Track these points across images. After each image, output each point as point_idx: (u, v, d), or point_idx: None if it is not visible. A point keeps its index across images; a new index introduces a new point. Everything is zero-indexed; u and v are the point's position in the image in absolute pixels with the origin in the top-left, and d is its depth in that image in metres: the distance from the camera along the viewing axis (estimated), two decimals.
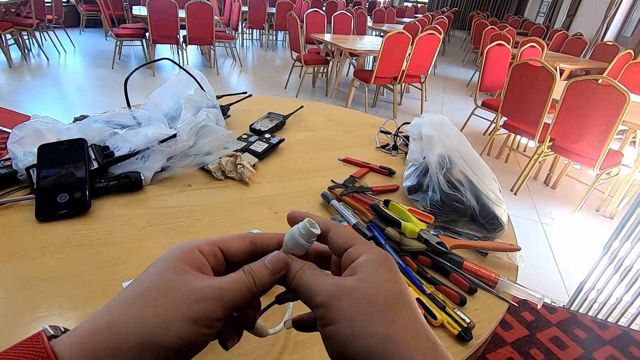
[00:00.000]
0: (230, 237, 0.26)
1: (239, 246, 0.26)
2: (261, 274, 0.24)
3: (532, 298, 0.51)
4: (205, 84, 0.87)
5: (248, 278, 0.24)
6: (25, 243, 0.51)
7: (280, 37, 7.36)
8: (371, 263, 0.24)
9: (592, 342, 0.93)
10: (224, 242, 0.26)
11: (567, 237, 2.21)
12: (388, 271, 0.24)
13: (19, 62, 4.25)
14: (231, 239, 0.26)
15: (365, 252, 0.25)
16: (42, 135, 0.65)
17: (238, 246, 0.26)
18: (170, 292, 0.21)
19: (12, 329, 0.39)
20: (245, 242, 0.26)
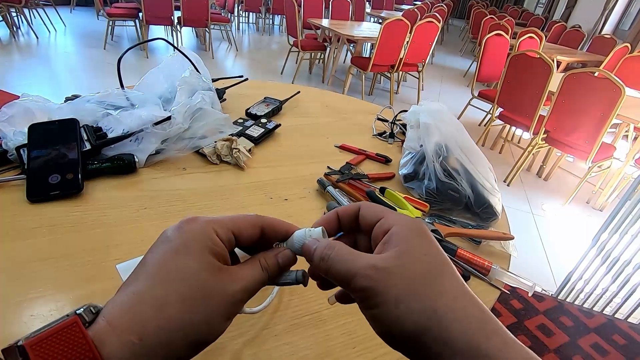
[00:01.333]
0: (243, 223, 0.26)
1: (251, 235, 0.26)
2: (273, 268, 0.26)
3: (523, 286, 0.52)
4: (201, 66, 0.86)
5: (265, 274, 0.25)
6: (16, 224, 0.50)
7: (277, 21, 7.23)
8: (405, 233, 0.23)
9: (578, 330, 0.95)
10: (238, 229, 0.25)
11: (557, 228, 2.25)
12: (424, 240, 0.23)
13: (7, 41, 4.13)
14: (244, 226, 0.26)
15: (396, 222, 0.24)
16: (32, 114, 0.63)
17: (250, 235, 0.26)
18: (213, 297, 0.22)
19: (3, 310, 0.39)
20: (257, 230, 0.26)
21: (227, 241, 0.24)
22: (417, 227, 0.24)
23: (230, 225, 0.25)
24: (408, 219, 0.24)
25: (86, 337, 0.17)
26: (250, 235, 0.26)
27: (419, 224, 0.24)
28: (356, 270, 0.22)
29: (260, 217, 0.27)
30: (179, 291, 0.21)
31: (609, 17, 6.69)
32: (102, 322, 0.19)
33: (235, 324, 0.42)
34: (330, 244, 0.24)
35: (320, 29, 4.20)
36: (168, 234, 0.23)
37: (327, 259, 0.23)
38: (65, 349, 0.17)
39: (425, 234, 0.24)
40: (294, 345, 0.41)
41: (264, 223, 0.26)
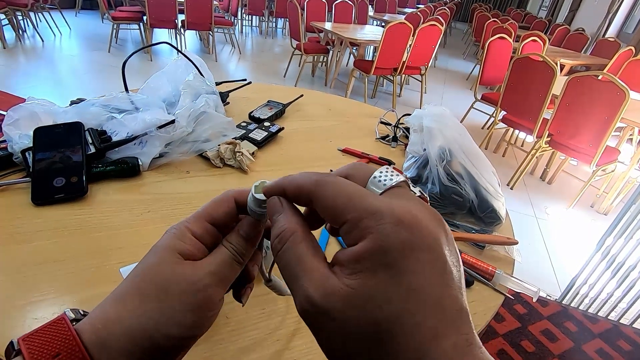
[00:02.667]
0: (214, 206, 0.26)
1: (225, 212, 0.26)
2: (241, 245, 0.25)
3: (527, 291, 0.51)
4: (205, 69, 0.86)
5: (232, 253, 0.24)
6: (20, 226, 0.51)
7: (280, 25, 7.25)
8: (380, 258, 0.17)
9: (582, 336, 0.94)
10: (211, 215, 0.25)
11: (562, 233, 2.24)
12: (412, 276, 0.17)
13: (13, 44, 4.17)
14: (215, 208, 0.25)
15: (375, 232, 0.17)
16: (37, 117, 0.64)
17: (224, 212, 0.26)
18: (170, 288, 0.22)
19: (7, 312, 0.39)
20: (230, 204, 0.26)
21: (205, 232, 0.25)
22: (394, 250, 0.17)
23: (203, 215, 0.25)
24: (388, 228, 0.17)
25: (71, 330, 0.20)
26: (225, 212, 0.26)
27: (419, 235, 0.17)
28: (297, 289, 0.19)
29: (228, 192, 0.26)
30: (137, 285, 0.22)
31: (612, 20, 6.67)
32: (85, 319, 0.21)
33: (237, 328, 0.42)
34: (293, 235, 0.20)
35: (323, 32, 4.21)
36: (155, 244, 0.24)
37: (280, 250, 0.20)
38: (52, 340, 0.20)
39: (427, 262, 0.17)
40: (296, 351, 0.41)
41: (235, 194, 0.26)
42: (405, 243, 0.17)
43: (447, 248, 0.18)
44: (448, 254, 0.18)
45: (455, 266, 0.18)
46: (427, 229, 0.18)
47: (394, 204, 0.18)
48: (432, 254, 0.17)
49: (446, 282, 0.17)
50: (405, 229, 0.17)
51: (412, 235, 0.17)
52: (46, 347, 0.20)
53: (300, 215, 0.21)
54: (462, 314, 0.17)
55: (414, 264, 0.17)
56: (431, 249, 0.17)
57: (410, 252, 0.17)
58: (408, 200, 0.19)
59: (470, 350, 0.17)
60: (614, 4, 6.49)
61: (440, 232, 0.18)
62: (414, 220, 0.18)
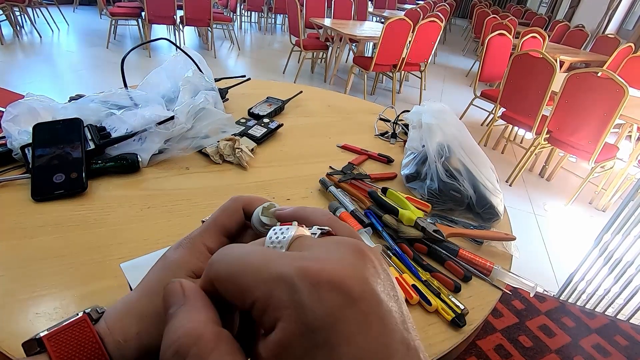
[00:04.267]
0: (227, 217, 0.25)
1: (238, 222, 0.25)
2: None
3: (525, 287, 0.52)
4: (204, 65, 0.86)
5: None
6: (21, 222, 0.51)
7: (279, 21, 7.22)
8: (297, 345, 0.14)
9: (580, 331, 0.95)
10: (225, 227, 0.24)
11: (560, 229, 2.24)
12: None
13: (10, 40, 4.14)
14: (229, 219, 0.25)
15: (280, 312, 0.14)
16: (37, 113, 0.64)
17: (237, 223, 0.25)
18: None
19: (9, 308, 0.40)
20: (241, 214, 0.25)
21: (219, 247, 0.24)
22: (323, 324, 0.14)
23: (219, 228, 0.24)
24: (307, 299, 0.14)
25: (93, 331, 0.20)
26: (237, 223, 0.25)
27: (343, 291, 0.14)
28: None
29: (237, 200, 0.26)
30: (155, 304, 0.21)
31: (612, 16, 6.66)
32: (102, 323, 0.21)
33: None
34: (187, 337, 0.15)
35: (322, 29, 4.19)
36: (166, 254, 0.23)
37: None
38: (76, 341, 0.20)
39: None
40: None
41: (243, 204, 0.25)
42: (330, 310, 0.14)
43: (378, 285, 0.15)
44: (381, 291, 0.15)
45: (392, 298, 0.15)
46: (350, 278, 0.15)
47: (304, 264, 0.15)
48: (364, 304, 0.14)
49: (389, 328, 0.14)
50: (326, 291, 0.14)
51: (336, 296, 0.14)
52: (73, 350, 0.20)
53: (209, 308, 0.16)
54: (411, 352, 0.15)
55: (349, 326, 0.14)
56: (362, 300, 0.14)
57: (339, 318, 0.14)
58: (315, 250, 0.17)
59: None
60: (614, 1, 6.47)
61: (365, 270, 0.15)
62: (332, 276, 0.15)
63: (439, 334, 0.45)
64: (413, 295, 0.47)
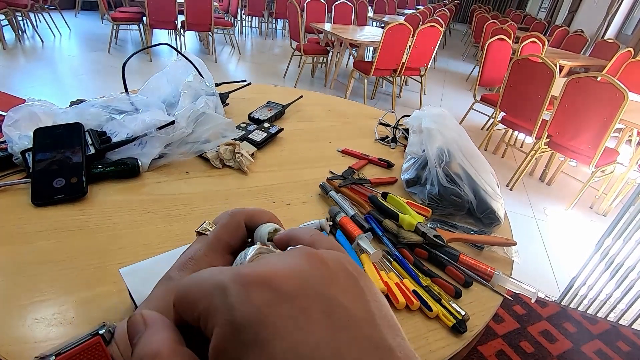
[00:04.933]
0: (230, 234, 0.24)
1: (241, 239, 0.25)
2: None
3: (526, 292, 0.52)
4: (204, 70, 0.86)
5: None
6: (21, 227, 0.51)
7: (279, 26, 7.26)
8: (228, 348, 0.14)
9: (581, 336, 0.94)
10: (229, 245, 0.24)
11: (560, 233, 2.24)
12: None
13: (12, 44, 4.17)
14: (232, 236, 0.24)
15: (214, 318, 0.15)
16: (37, 118, 0.64)
17: (241, 240, 0.25)
18: None
19: (7, 313, 0.39)
20: (244, 230, 0.25)
21: (228, 265, 0.24)
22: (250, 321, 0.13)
23: (224, 247, 0.24)
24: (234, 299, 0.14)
25: (107, 356, 0.19)
26: (241, 240, 0.25)
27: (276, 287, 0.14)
28: None
29: (237, 215, 0.25)
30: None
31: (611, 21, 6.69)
32: (114, 346, 0.21)
33: None
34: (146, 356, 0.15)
35: (322, 33, 4.22)
36: (170, 275, 0.23)
37: None
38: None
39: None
40: None
41: (244, 218, 0.25)
42: (257, 307, 0.14)
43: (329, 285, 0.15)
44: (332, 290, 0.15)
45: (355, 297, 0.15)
46: (284, 277, 0.14)
47: (239, 270, 0.15)
48: (303, 300, 0.14)
49: (340, 324, 0.14)
50: (254, 290, 0.14)
51: (268, 290, 0.14)
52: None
53: (168, 329, 0.17)
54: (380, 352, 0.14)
55: (282, 322, 0.13)
56: (300, 297, 0.14)
57: (271, 310, 0.13)
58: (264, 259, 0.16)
59: None
60: (613, 6, 6.51)
61: (310, 270, 0.15)
62: (265, 274, 0.14)
63: (440, 340, 0.45)
64: (414, 301, 0.47)
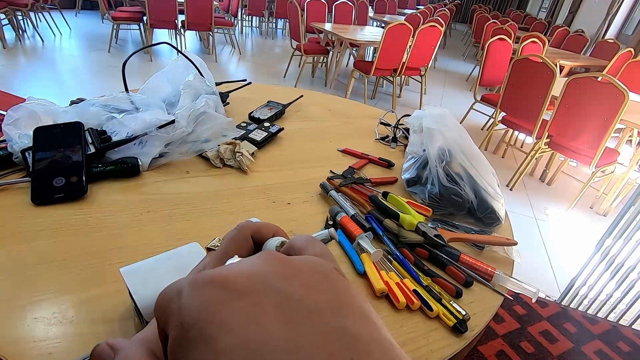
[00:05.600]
0: (238, 247, 0.24)
1: (249, 252, 0.24)
2: None
3: (527, 292, 0.51)
4: (205, 70, 0.86)
5: None
6: (20, 226, 0.51)
7: (280, 25, 7.26)
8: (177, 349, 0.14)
9: (582, 337, 0.94)
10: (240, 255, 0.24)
11: (561, 234, 2.24)
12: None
13: (13, 43, 4.17)
14: (240, 250, 0.24)
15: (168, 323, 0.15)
16: (37, 117, 0.64)
17: (248, 253, 0.24)
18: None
19: (7, 312, 0.39)
20: (251, 244, 0.24)
21: None
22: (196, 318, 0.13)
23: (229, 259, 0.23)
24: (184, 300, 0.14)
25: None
26: (247, 251, 0.24)
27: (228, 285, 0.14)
28: None
29: (245, 229, 0.25)
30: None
31: (612, 21, 6.69)
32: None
33: None
34: None
35: (323, 33, 4.21)
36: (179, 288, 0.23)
37: None
38: None
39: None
40: None
41: (251, 232, 0.25)
42: (208, 301, 0.14)
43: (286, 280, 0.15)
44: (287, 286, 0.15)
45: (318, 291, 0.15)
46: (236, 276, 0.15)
47: (198, 274, 0.15)
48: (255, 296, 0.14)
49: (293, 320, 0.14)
50: (204, 290, 0.14)
51: (219, 287, 0.14)
52: None
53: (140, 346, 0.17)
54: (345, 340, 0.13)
55: (233, 317, 0.13)
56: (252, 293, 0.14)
57: (222, 306, 0.13)
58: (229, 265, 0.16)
59: None
60: (614, 6, 6.51)
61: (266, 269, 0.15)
62: (219, 275, 0.14)
63: (440, 340, 0.45)
64: (414, 301, 0.47)
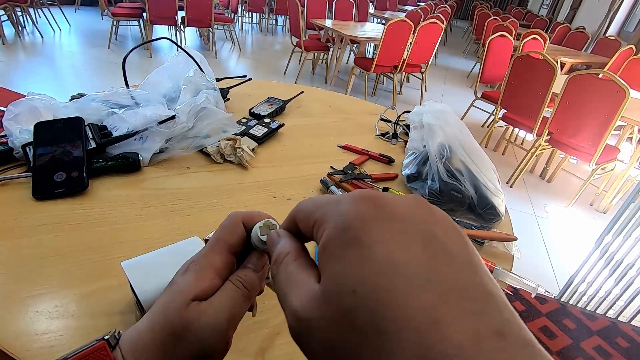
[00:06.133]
0: (230, 234, 0.25)
1: (241, 238, 0.25)
2: (251, 279, 0.24)
3: (526, 287, 0.52)
4: (205, 65, 0.86)
5: (242, 290, 0.24)
6: (21, 221, 0.51)
7: (280, 22, 7.23)
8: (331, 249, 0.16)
9: (581, 333, 0.95)
10: (230, 244, 0.25)
11: (561, 231, 2.24)
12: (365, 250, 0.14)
13: (12, 40, 4.15)
14: (232, 236, 0.25)
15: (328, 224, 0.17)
16: (38, 112, 0.64)
17: (240, 239, 0.25)
18: (185, 338, 0.22)
19: (9, 306, 0.39)
20: (242, 229, 0.26)
21: (226, 266, 0.24)
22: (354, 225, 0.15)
23: (225, 247, 0.25)
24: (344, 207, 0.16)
25: (111, 358, 0.21)
26: (240, 239, 0.25)
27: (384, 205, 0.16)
28: (286, 309, 0.17)
29: (236, 216, 0.26)
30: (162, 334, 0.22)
31: (613, 18, 6.66)
32: (118, 351, 0.22)
33: None
34: (290, 252, 0.20)
35: (323, 30, 4.20)
36: (174, 279, 0.24)
37: (276, 273, 0.19)
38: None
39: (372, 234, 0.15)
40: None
41: (242, 219, 0.26)
42: (365, 214, 0.15)
43: (431, 223, 0.15)
44: (432, 227, 0.15)
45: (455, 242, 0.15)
46: (395, 201, 0.16)
47: (358, 191, 0.17)
48: (404, 224, 0.15)
49: (435, 256, 0.14)
50: (364, 202, 0.16)
51: (375, 206, 0.16)
52: None
53: (294, 239, 0.21)
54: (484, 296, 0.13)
55: (382, 234, 0.15)
56: (403, 219, 0.15)
57: (375, 223, 0.15)
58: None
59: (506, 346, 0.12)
60: (615, 3, 6.48)
61: (423, 210, 0.16)
62: (375, 195, 0.16)
63: None
64: None
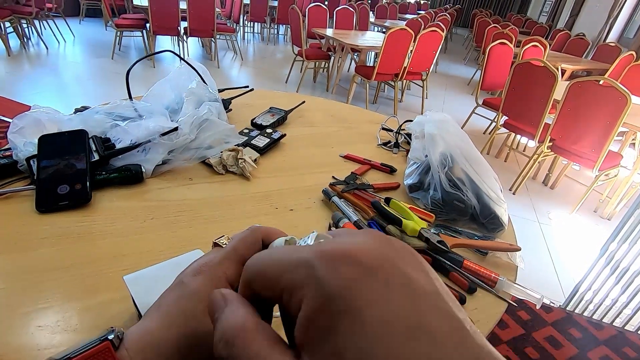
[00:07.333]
0: (247, 247, 0.25)
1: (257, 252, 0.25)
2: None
3: (531, 298, 0.51)
4: (207, 76, 0.87)
5: None
6: (25, 234, 0.51)
7: (281, 31, 7.30)
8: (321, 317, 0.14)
9: (587, 342, 0.93)
10: (245, 258, 0.23)
11: (565, 238, 2.22)
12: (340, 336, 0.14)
13: (17, 51, 4.21)
14: (249, 250, 0.24)
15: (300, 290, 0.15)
16: (42, 125, 0.65)
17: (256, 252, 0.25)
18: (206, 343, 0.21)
19: (11, 320, 0.39)
20: (260, 247, 0.25)
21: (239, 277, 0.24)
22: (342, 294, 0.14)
23: (240, 259, 0.24)
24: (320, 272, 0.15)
25: (115, 359, 0.20)
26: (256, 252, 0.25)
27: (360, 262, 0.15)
28: None
29: (256, 231, 0.25)
30: (177, 335, 0.22)
31: (613, 25, 6.69)
32: (124, 351, 0.21)
33: None
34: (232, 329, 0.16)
35: (324, 39, 4.24)
36: (184, 280, 0.24)
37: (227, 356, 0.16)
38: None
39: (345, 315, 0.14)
40: None
41: (262, 235, 0.25)
42: (346, 277, 0.14)
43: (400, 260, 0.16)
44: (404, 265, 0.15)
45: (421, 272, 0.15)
46: (364, 254, 0.15)
47: (321, 247, 0.16)
48: (382, 273, 0.15)
49: (416, 293, 0.14)
50: (342, 263, 0.15)
51: (353, 266, 0.15)
52: None
53: (247, 305, 0.18)
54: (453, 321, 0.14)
55: (368, 294, 0.14)
56: (379, 270, 0.15)
57: (359, 284, 0.14)
58: (336, 238, 0.17)
59: None
60: (615, 9, 6.52)
61: (383, 248, 0.16)
62: (348, 251, 0.15)
63: None
64: None
